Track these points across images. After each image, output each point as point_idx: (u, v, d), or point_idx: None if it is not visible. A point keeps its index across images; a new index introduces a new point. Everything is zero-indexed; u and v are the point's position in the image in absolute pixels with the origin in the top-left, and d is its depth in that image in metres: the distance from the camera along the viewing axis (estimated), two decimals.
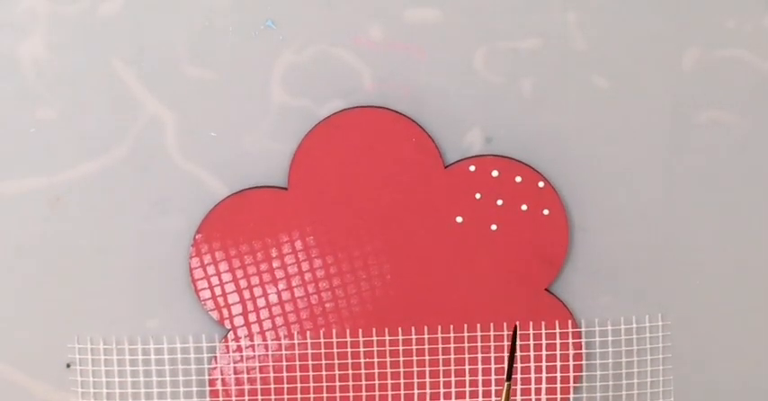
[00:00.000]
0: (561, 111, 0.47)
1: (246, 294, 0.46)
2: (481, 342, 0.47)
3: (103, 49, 0.46)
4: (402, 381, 0.47)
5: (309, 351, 0.46)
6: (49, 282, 0.46)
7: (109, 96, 0.46)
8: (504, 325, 0.47)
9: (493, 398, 0.47)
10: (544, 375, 0.47)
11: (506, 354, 0.43)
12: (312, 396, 0.47)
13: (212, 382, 0.46)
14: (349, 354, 0.47)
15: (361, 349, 0.47)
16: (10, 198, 0.46)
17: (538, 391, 0.47)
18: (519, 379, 0.47)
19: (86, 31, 0.46)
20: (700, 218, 0.47)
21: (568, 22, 0.46)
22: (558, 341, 0.47)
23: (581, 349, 0.47)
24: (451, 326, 0.47)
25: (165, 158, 0.46)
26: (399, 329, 0.47)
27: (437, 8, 0.46)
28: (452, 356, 0.47)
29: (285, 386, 0.46)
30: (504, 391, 0.40)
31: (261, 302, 0.46)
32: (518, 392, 0.47)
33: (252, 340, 0.46)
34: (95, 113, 0.46)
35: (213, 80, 0.46)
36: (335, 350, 0.47)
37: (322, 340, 0.47)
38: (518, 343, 0.44)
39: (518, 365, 0.47)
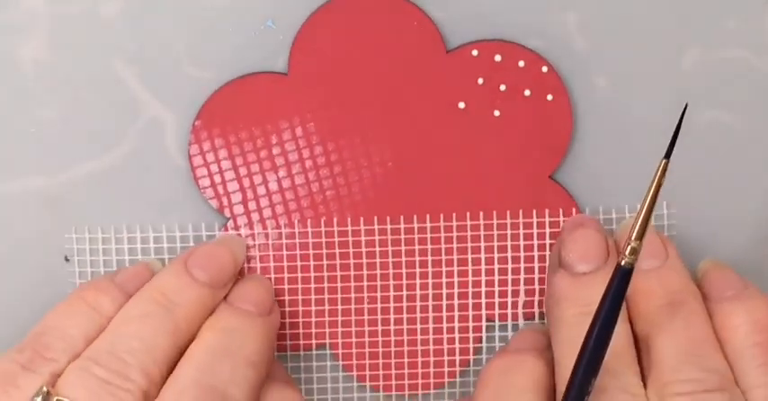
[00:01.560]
0: None
1: (246, 182, 0.46)
2: (484, 230, 0.46)
3: (104, 49, 0.45)
4: (404, 271, 0.46)
5: (310, 239, 0.46)
6: (49, 282, 0.45)
7: (109, 96, 0.45)
8: (508, 213, 0.46)
9: (496, 287, 0.46)
10: (548, 264, 0.46)
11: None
12: (313, 285, 0.46)
13: None
14: (350, 243, 0.46)
15: (363, 238, 0.46)
16: (10, 198, 0.46)
17: (541, 280, 0.46)
18: (522, 268, 0.46)
19: (86, 31, 0.45)
20: (700, 218, 0.47)
21: (568, 22, 0.46)
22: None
23: None
24: (454, 214, 0.46)
25: (165, 158, 0.46)
26: (401, 217, 0.46)
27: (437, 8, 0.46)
28: (455, 245, 0.46)
29: (286, 275, 0.46)
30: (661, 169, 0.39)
31: (261, 190, 0.46)
32: (521, 281, 0.46)
33: (252, 229, 0.46)
34: (95, 113, 0.45)
35: (213, 80, 0.46)
36: (336, 238, 0.46)
37: (323, 228, 0.46)
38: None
39: (521, 254, 0.46)
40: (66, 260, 0.46)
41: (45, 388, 0.40)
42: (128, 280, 0.44)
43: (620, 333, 0.41)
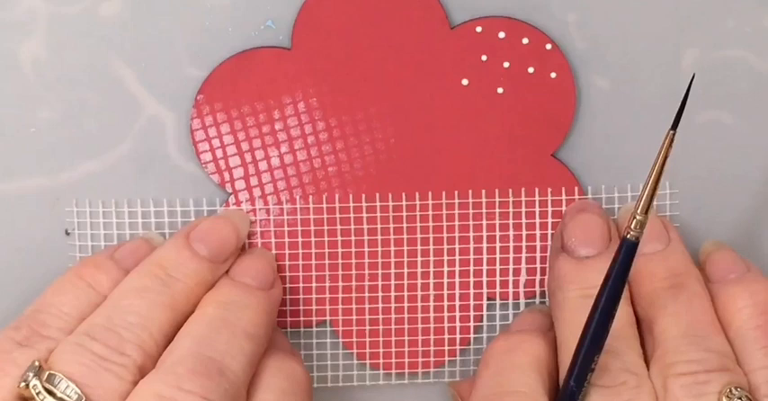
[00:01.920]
0: None
1: (248, 157, 0.46)
2: (486, 208, 0.46)
3: (103, 48, 0.45)
4: (405, 248, 0.46)
5: (312, 216, 0.46)
6: (50, 280, 0.45)
7: (109, 96, 0.45)
8: (510, 191, 0.46)
9: (497, 266, 0.46)
10: (549, 242, 0.46)
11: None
12: (314, 262, 0.46)
13: None
14: (351, 220, 0.46)
15: (364, 214, 0.46)
16: (10, 198, 0.45)
17: (543, 259, 0.46)
18: (524, 247, 0.46)
19: (86, 31, 0.45)
20: (699, 218, 0.47)
21: (568, 22, 0.46)
22: (563, 208, 0.46)
23: None
24: (456, 192, 0.46)
25: (165, 158, 0.46)
26: (403, 194, 0.46)
27: None
28: (456, 223, 0.46)
29: (287, 252, 0.46)
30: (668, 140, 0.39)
31: (263, 165, 0.46)
32: (523, 260, 0.46)
33: (253, 204, 0.46)
34: (95, 113, 0.45)
35: None
36: (338, 215, 0.46)
37: (324, 205, 0.46)
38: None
39: (523, 232, 0.46)
40: (67, 233, 0.46)
41: (37, 363, 0.39)
42: (126, 256, 0.44)
43: (623, 314, 0.41)
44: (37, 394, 0.39)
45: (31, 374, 0.39)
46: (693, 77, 0.40)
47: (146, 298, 0.42)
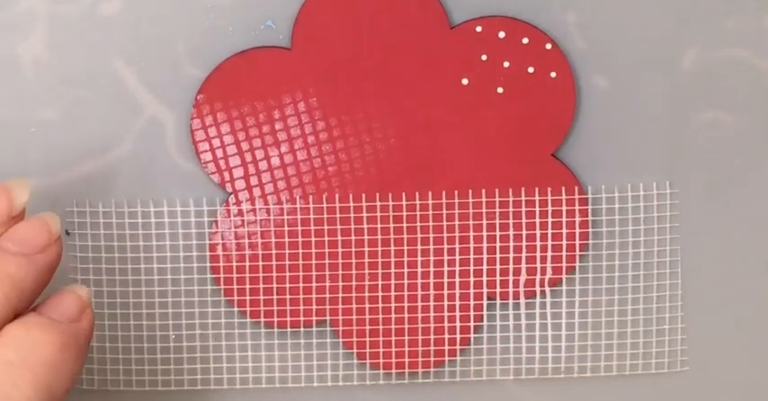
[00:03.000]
0: None
1: (248, 157, 0.46)
2: (486, 208, 0.46)
3: (103, 49, 0.45)
4: (405, 248, 0.46)
5: (312, 216, 0.46)
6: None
7: (109, 96, 0.45)
8: (510, 191, 0.46)
9: (497, 266, 0.46)
10: (549, 242, 0.46)
11: None
12: (314, 262, 0.46)
13: (212, 247, 0.46)
14: (352, 220, 0.46)
15: (365, 214, 0.46)
16: None
17: (543, 259, 0.46)
18: (524, 247, 0.46)
19: (86, 31, 0.45)
20: (698, 218, 0.47)
21: (568, 22, 0.46)
22: (564, 208, 0.46)
23: (587, 216, 0.46)
24: (456, 192, 0.46)
25: (165, 158, 0.46)
26: (403, 194, 0.46)
27: None
28: (457, 222, 0.46)
29: (287, 251, 0.46)
30: None
31: (263, 165, 0.46)
32: (523, 260, 0.46)
33: (253, 204, 0.46)
34: (95, 113, 0.45)
35: None
36: (338, 215, 0.46)
37: (325, 205, 0.46)
38: None
39: (523, 232, 0.46)
40: (67, 233, 0.46)
41: None
42: None
43: None
44: None
45: None
46: None
47: None
